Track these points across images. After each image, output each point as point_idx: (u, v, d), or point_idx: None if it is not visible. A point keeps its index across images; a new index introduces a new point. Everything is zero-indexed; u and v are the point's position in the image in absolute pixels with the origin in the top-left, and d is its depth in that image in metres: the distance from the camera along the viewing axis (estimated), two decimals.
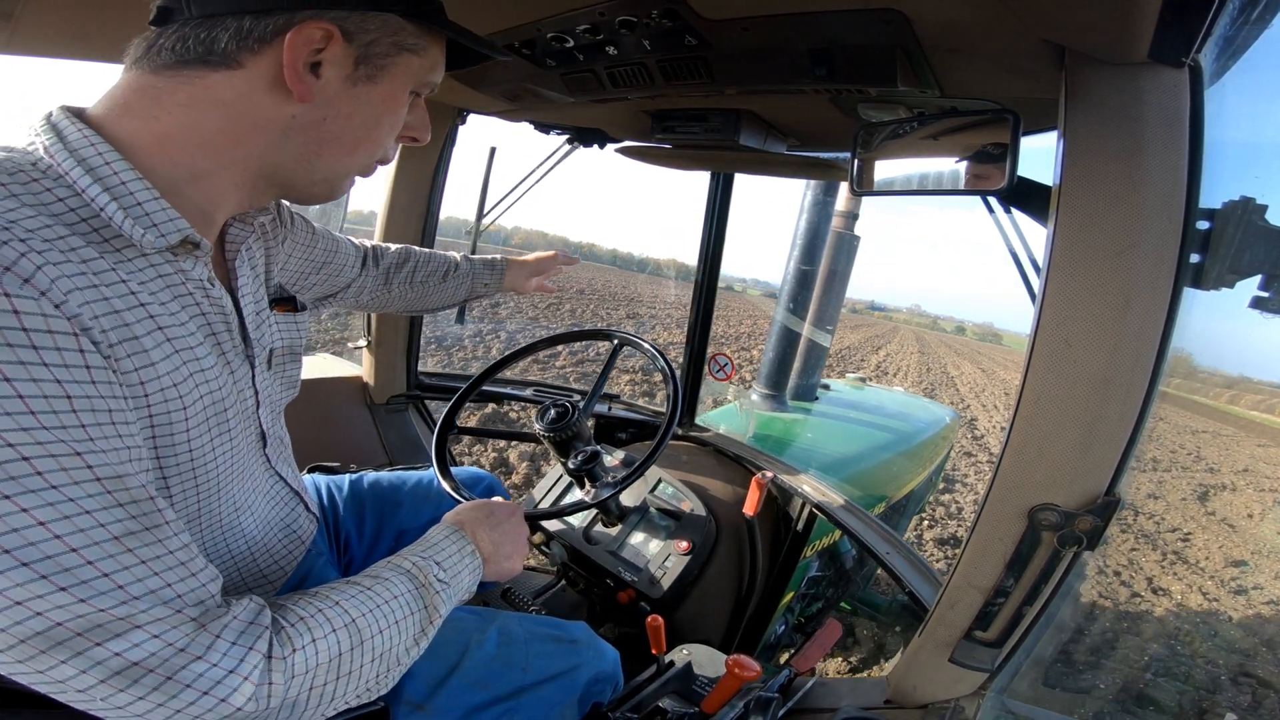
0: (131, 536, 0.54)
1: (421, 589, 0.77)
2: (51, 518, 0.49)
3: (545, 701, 0.98)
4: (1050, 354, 0.79)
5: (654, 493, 1.76)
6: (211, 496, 0.75)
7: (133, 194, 0.61)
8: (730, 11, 0.91)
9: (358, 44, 0.68)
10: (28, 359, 0.49)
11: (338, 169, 0.75)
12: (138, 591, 0.53)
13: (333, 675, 0.65)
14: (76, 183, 0.59)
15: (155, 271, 0.65)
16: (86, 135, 0.60)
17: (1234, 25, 0.70)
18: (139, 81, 0.65)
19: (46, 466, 0.49)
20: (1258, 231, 0.71)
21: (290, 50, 0.64)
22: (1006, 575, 0.90)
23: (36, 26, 1.14)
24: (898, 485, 2.94)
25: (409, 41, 0.72)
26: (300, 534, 0.98)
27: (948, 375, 22.44)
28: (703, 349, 2.26)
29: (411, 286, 1.42)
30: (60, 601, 0.50)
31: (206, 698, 0.55)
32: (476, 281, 1.52)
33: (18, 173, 0.57)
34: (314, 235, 1.12)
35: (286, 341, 0.94)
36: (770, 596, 1.87)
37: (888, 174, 1.17)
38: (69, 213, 0.58)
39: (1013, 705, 1.04)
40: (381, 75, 0.71)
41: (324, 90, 0.68)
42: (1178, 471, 10.39)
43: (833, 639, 1.23)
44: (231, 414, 0.75)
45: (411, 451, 2.30)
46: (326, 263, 1.17)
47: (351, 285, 1.29)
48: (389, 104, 0.74)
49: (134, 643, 0.52)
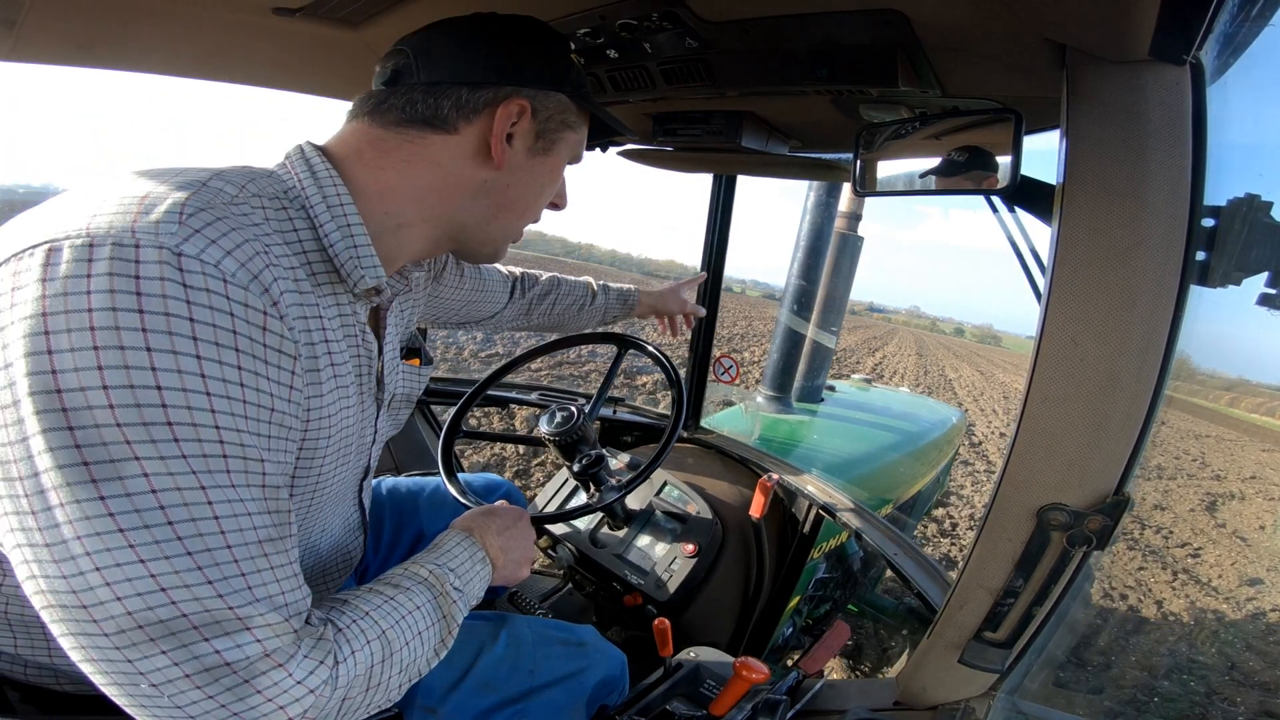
0: (271, 543, 0.57)
1: (440, 598, 0.77)
2: (224, 513, 0.53)
3: (553, 704, 0.98)
4: (1056, 353, 0.79)
5: (660, 495, 1.76)
6: (313, 516, 0.80)
7: (353, 237, 0.69)
8: (730, 13, 0.91)
9: (540, 119, 0.78)
10: (260, 370, 0.56)
11: (508, 231, 0.84)
12: (261, 595, 0.56)
13: (363, 687, 0.65)
14: (318, 218, 0.67)
15: (338, 310, 0.72)
16: (333, 176, 0.69)
17: (1235, 22, 0.70)
18: (368, 133, 0.74)
19: (236, 466, 0.54)
20: (1263, 228, 0.71)
21: (500, 121, 0.74)
22: (1015, 575, 0.89)
23: (40, 34, 1.15)
24: (904, 486, 2.93)
25: (571, 119, 0.82)
26: (353, 559, 1.00)
27: (945, 378, 22.07)
28: (707, 352, 2.26)
29: (550, 317, 1.51)
30: (199, 593, 0.52)
31: (269, 704, 0.56)
32: (608, 314, 1.62)
33: (275, 199, 0.65)
34: (462, 275, 1.22)
35: (406, 390, 0.98)
36: (777, 599, 1.87)
37: (890, 174, 1.17)
38: (298, 243, 0.66)
39: (1023, 706, 1.03)
40: (553, 149, 0.81)
41: (513, 159, 0.77)
42: (1183, 479, 10.03)
43: (841, 641, 1.23)
44: (354, 447, 0.81)
45: (418, 456, 2.30)
46: (472, 301, 1.28)
47: (495, 315, 1.39)
48: (553, 175, 0.84)
49: (238, 643, 0.54)
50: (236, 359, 0.54)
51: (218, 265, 0.54)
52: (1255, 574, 5.62)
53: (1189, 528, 6.96)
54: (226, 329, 0.53)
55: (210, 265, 0.53)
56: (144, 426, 0.50)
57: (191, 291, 0.52)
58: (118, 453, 0.49)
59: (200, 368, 0.52)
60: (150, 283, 0.50)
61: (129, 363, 0.49)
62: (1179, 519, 7.39)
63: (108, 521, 0.49)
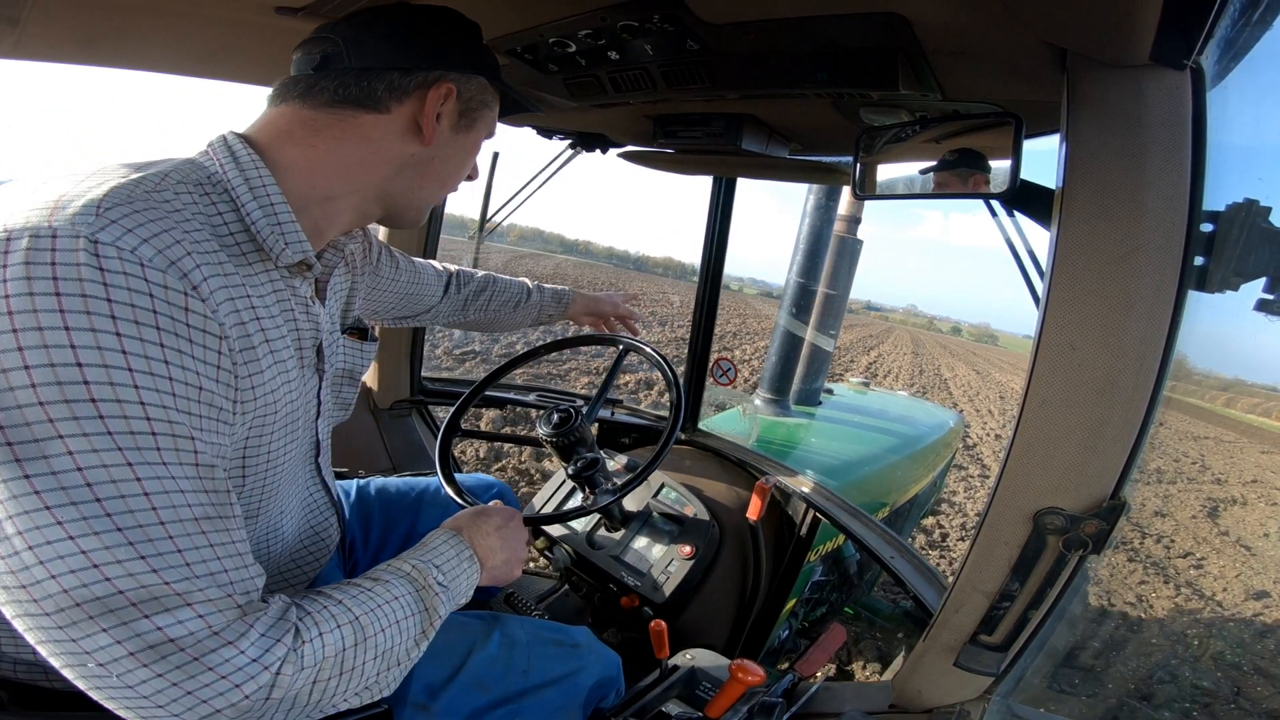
0: (208, 521, 0.58)
1: (421, 591, 0.78)
2: (155, 489, 0.54)
3: (547, 705, 0.98)
4: (1055, 357, 0.79)
5: (657, 497, 1.75)
6: (270, 498, 0.82)
7: (276, 213, 0.72)
8: (731, 16, 0.91)
9: (463, 99, 0.84)
10: (184, 349, 0.58)
11: (430, 199, 0.90)
12: (200, 571, 0.57)
13: (335, 670, 0.66)
14: (240, 198, 0.70)
15: (271, 286, 0.74)
16: (253, 158, 0.72)
17: (1235, 27, 0.70)
18: (299, 115, 0.77)
19: (166, 444, 0.55)
20: (1261, 234, 0.71)
21: (431, 102, 0.80)
22: (1012, 579, 0.89)
23: (43, 32, 1.15)
24: (902, 489, 2.93)
25: (488, 99, 0.89)
26: (327, 543, 1.01)
27: (941, 378, 21.66)
28: (705, 354, 2.26)
29: (485, 313, 1.56)
30: (133, 569, 0.53)
31: (223, 682, 0.56)
32: (543, 312, 1.66)
33: (197, 186, 0.67)
34: (398, 268, 1.27)
35: (349, 365, 1.02)
36: (774, 601, 1.86)
37: (890, 177, 1.17)
38: (224, 227, 0.69)
39: (1018, 709, 1.03)
40: (474, 125, 0.88)
41: (439, 136, 0.83)
42: (1184, 484, 9.77)
43: (837, 643, 1.23)
44: (300, 421, 0.83)
45: (415, 456, 2.30)
46: (410, 293, 1.33)
47: (431, 310, 1.44)
48: (472, 149, 0.92)
49: (179, 619, 0.55)
50: (158, 337, 0.55)
51: (134, 251, 0.55)
52: (1261, 586, 5.39)
53: (1191, 536, 6.72)
54: (146, 309, 0.55)
55: (126, 251, 0.55)
56: (66, 404, 0.51)
57: (108, 275, 0.53)
58: (41, 432, 0.50)
59: (121, 344, 0.53)
60: (66, 268, 0.52)
61: (48, 342, 0.51)
62: (1180, 526, 7.16)
63: (34, 500, 0.50)
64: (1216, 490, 9.66)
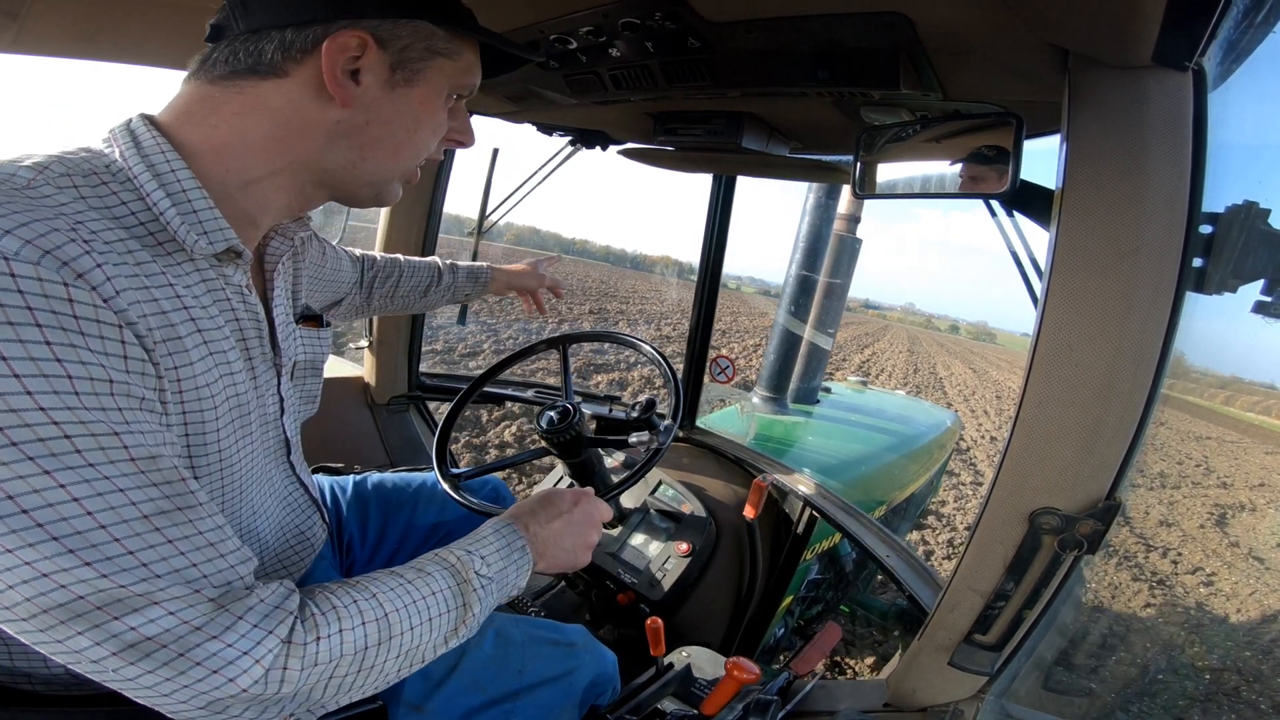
0: (161, 516, 0.56)
1: (462, 585, 0.76)
2: (84, 494, 0.51)
3: (543, 704, 0.98)
4: (1052, 357, 0.79)
5: (654, 495, 1.76)
6: (234, 498, 0.77)
7: (190, 201, 0.66)
8: (733, 14, 0.91)
9: (392, 50, 0.72)
10: (77, 343, 0.52)
11: (383, 172, 0.79)
12: (161, 570, 0.54)
13: (355, 668, 0.65)
14: (143, 187, 0.63)
15: (199, 275, 0.69)
16: (159, 143, 0.65)
17: (1238, 29, 0.70)
18: (198, 92, 0.70)
19: (85, 445, 0.52)
20: (1260, 236, 0.71)
21: (328, 57, 0.68)
22: (1006, 579, 0.89)
23: (42, 27, 1.14)
24: (898, 488, 2.94)
25: (440, 46, 0.75)
26: (313, 541, 0.98)
27: (936, 377, 20.94)
28: (704, 351, 2.26)
29: (393, 300, 1.47)
30: (83, 575, 0.51)
31: (215, 676, 0.56)
32: (458, 293, 1.59)
33: (91, 175, 0.61)
34: (324, 252, 1.16)
35: (309, 356, 0.96)
36: (770, 599, 1.87)
37: (890, 177, 1.17)
38: (130, 216, 0.63)
39: (1012, 709, 1.03)
40: (417, 79, 0.75)
41: (364, 96, 0.72)
42: (1189, 489, 9.30)
43: (832, 642, 1.23)
44: (253, 418, 0.78)
45: (413, 452, 2.30)
46: (331, 279, 1.20)
47: (345, 299, 1.33)
48: (426, 107, 0.77)
49: (150, 618, 0.53)
50: (41, 335, 0.51)
51: None
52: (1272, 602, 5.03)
53: (1200, 549, 6.24)
54: (18, 306, 0.50)
55: None
56: None
57: None
58: None
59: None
60: None
61: None
62: (1187, 538, 6.62)
63: None
64: (1223, 495, 9.28)
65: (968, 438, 9.97)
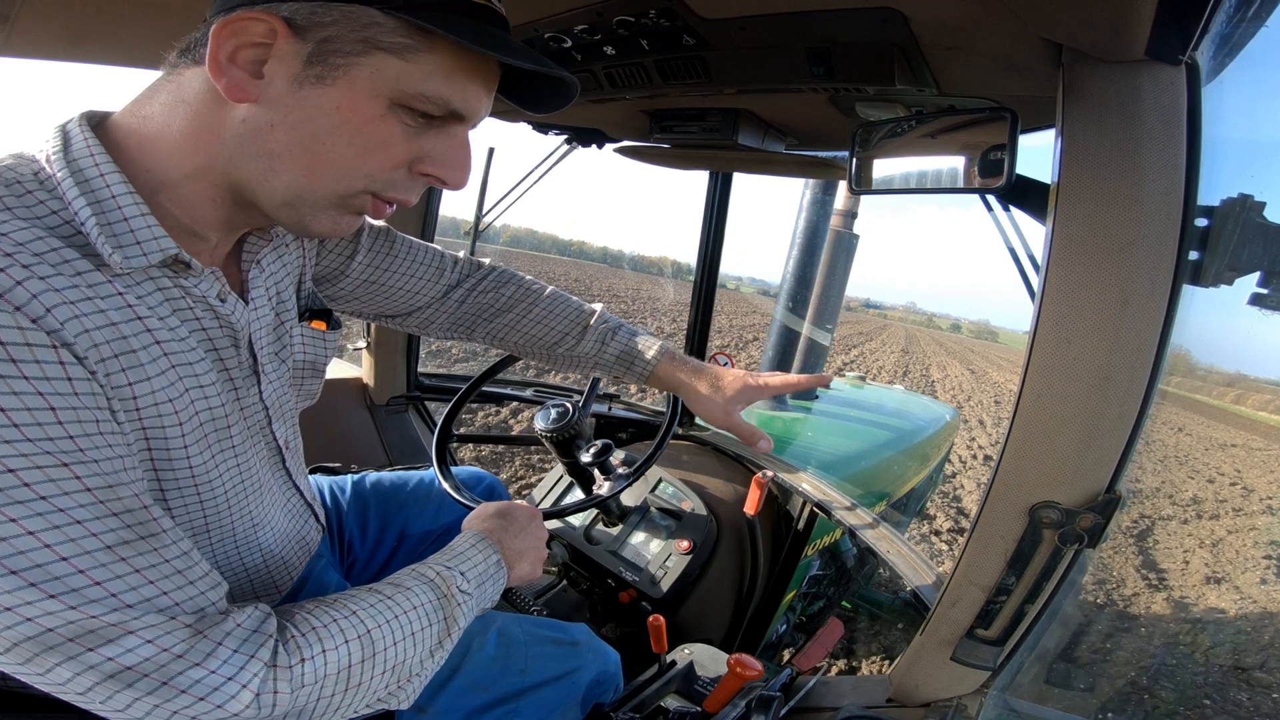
0: (125, 545, 0.53)
1: (444, 599, 0.75)
2: (41, 528, 0.49)
3: (546, 703, 0.98)
4: (1050, 352, 0.79)
5: (654, 492, 1.76)
6: (221, 512, 0.74)
7: (121, 208, 0.58)
8: (728, 11, 0.91)
9: (310, 39, 0.59)
10: (7, 372, 0.48)
11: (297, 190, 0.64)
12: (131, 599, 0.53)
13: (342, 686, 0.64)
14: (66, 195, 0.56)
15: (155, 285, 0.63)
16: (89, 144, 0.58)
17: (1231, 23, 0.70)
18: (151, 83, 0.63)
19: (33, 478, 0.49)
20: (1256, 228, 0.71)
21: (215, 41, 0.57)
22: (1008, 573, 0.90)
23: (33, 29, 1.14)
24: (899, 483, 2.94)
25: (384, 39, 0.59)
26: (309, 543, 0.98)
27: (929, 380, 18.90)
28: (702, 349, 2.26)
29: (504, 344, 1.18)
30: (50, 609, 0.49)
31: (203, 703, 0.55)
32: (595, 367, 1.18)
33: (14, 184, 0.55)
34: (392, 247, 1.02)
35: (310, 357, 0.89)
36: (772, 595, 1.87)
37: (886, 172, 1.17)
38: (63, 225, 0.56)
39: (1015, 703, 1.04)
40: (335, 76, 0.60)
41: (269, 91, 0.60)
42: (1229, 518, 7.24)
43: (834, 638, 1.23)
44: (236, 430, 0.74)
45: (412, 452, 2.30)
46: (398, 285, 1.05)
47: (421, 311, 1.12)
48: (346, 114, 0.61)
49: (127, 648, 0.52)
50: None
51: None
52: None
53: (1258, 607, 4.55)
54: None
55: None
56: None
57: None
58: None
59: None
60: None
61: None
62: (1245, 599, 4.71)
63: None
64: (1274, 524, 7.33)
65: (961, 443, 8.59)
